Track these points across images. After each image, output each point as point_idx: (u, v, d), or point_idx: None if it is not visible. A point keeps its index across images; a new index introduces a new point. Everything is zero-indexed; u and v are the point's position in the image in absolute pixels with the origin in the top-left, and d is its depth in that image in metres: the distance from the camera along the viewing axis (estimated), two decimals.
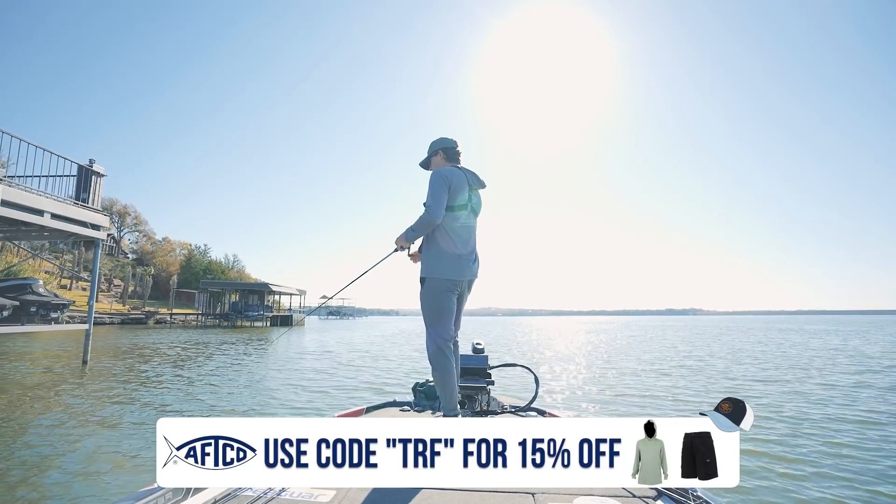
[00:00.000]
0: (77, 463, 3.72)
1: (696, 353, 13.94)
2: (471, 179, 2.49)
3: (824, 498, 3.21)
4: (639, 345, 18.12)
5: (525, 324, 60.78)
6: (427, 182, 2.42)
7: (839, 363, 11.06)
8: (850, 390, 7.26)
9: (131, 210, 65.87)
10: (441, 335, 2.37)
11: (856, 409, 5.94)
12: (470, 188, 2.47)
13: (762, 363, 11.20)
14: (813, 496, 3.23)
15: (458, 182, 2.40)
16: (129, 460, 3.79)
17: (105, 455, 3.91)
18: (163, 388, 7.41)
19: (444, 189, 2.35)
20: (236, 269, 63.04)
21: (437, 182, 2.36)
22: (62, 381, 7.85)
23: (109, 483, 3.29)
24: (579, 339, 22.52)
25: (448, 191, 2.36)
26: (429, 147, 2.63)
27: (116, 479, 3.38)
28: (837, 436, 4.70)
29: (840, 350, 14.79)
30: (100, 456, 3.89)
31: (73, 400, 6.25)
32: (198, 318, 37.24)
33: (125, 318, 36.45)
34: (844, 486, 3.38)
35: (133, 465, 3.68)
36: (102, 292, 45.45)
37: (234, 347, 15.64)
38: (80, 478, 3.39)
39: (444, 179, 2.36)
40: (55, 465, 3.68)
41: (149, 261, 61.23)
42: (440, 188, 2.34)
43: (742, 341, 19.75)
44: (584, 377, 9.06)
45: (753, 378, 8.72)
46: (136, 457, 3.87)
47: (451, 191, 2.37)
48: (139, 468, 3.60)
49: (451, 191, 2.36)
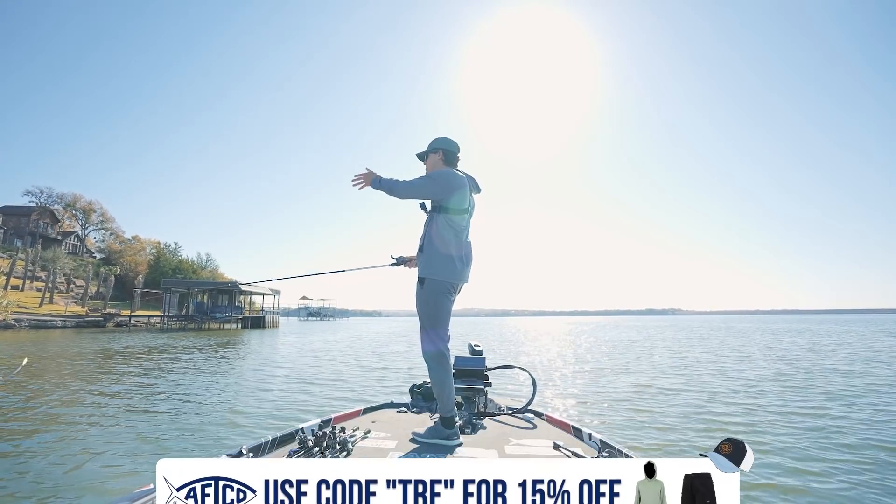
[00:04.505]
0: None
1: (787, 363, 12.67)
2: (471, 184, 2.53)
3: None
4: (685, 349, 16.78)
5: (512, 325, 59.65)
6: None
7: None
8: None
9: (97, 206, 62.32)
10: (440, 336, 2.36)
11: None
12: (470, 193, 2.52)
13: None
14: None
15: (464, 188, 2.43)
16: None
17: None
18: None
19: (441, 190, 2.39)
20: (209, 269, 60.13)
21: (441, 180, 2.40)
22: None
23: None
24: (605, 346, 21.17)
25: (445, 193, 2.38)
26: (432, 142, 2.60)
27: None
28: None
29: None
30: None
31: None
32: (161, 321, 34.69)
33: (80, 321, 33.74)
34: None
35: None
36: (60, 293, 42.43)
37: (175, 355, 13.72)
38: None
39: (448, 183, 2.40)
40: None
41: (116, 260, 58.01)
42: (437, 186, 2.39)
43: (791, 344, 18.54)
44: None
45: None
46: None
47: (456, 196, 2.39)
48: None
49: (455, 195, 2.39)
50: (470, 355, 3.25)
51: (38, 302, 36.59)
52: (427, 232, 2.43)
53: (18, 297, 35.28)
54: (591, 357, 12.78)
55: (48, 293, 37.99)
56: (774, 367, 10.02)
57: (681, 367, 10.11)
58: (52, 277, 39.55)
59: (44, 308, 35.60)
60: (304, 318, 75.31)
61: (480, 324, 62.08)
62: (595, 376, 8.89)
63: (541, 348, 16.38)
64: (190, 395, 6.71)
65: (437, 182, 2.38)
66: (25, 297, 36.71)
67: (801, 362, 10.81)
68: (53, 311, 35.43)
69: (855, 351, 13.77)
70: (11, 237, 50.99)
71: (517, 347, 17.00)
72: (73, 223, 60.97)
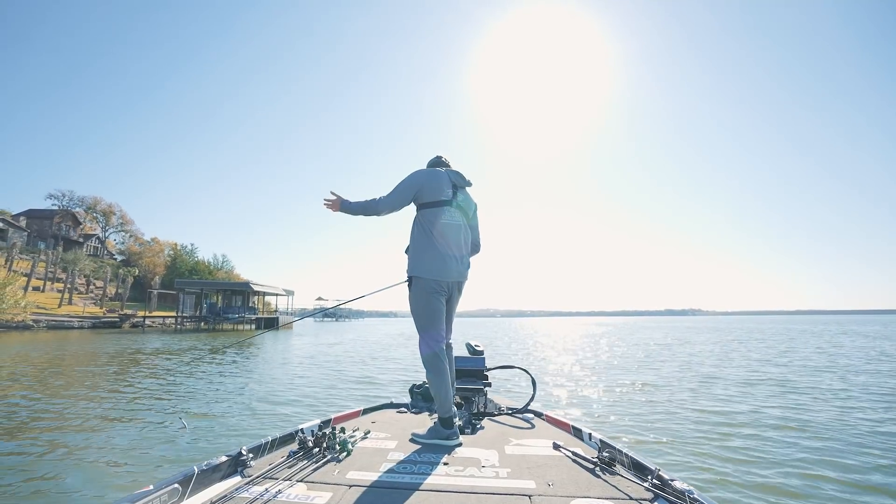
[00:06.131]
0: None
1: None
2: (453, 177, 2.51)
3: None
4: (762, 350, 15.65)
5: (527, 325, 58.43)
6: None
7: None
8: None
9: (116, 209, 63.29)
10: (433, 337, 2.33)
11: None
12: (454, 186, 2.50)
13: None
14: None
15: (434, 180, 2.43)
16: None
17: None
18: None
19: (409, 189, 2.40)
20: (225, 270, 60.55)
21: (405, 181, 2.42)
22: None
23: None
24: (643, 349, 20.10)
25: (414, 190, 2.41)
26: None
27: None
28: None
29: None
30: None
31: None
32: (175, 322, 34.69)
33: (97, 322, 33.95)
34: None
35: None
36: (80, 294, 43.02)
37: (168, 358, 13.20)
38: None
39: (413, 180, 2.42)
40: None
41: (135, 262, 58.79)
42: (405, 187, 2.40)
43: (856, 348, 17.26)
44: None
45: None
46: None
47: (426, 189, 2.40)
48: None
49: (424, 189, 2.40)
50: (469, 355, 3.25)
51: (57, 303, 37.06)
52: (411, 231, 2.47)
53: (38, 298, 35.76)
54: (658, 365, 11.79)
55: (67, 294, 38.45)
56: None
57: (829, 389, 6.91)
58: (70, 279, 40.02)
59: (62, 309, 36.01)
60: (320, 319, 75.34)
61: (493, 325, 60.97)
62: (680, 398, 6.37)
63: (572, 349, 15.39)
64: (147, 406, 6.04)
65: (403, 183, 2.41)
66: (46, 298, 37.21)
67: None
68: (71, 311, 35.78)
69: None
70: (35, 240, 52.04)
71: (540, 352, 16.03)
72: (94, 226, 62.08)
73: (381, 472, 1.79)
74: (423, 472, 1.79)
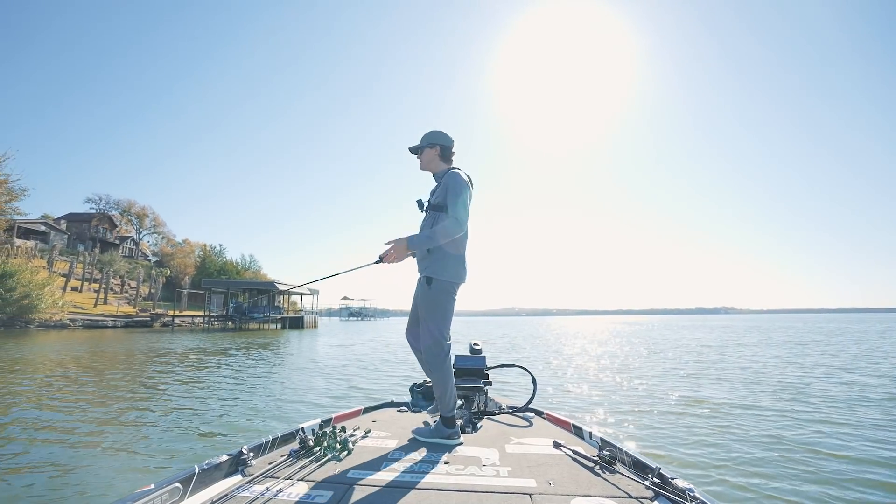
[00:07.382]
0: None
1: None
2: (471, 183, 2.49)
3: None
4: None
5: (553, 324, 57.01)
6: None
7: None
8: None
9: (150, 212, 65.32)
10: (444, 336, 2.33)
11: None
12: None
13: None
14: None
15: (470, 188, 2.40)
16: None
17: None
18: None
19: (470, 199, 2.35)
20: (252, 270, 61.60)
21: (466, 190, 2.30)
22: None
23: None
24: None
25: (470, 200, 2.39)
26: (426, 136, 2.49)
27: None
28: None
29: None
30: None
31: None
32: (204, 321, 35.24)
33: (129, 321, 34.83)
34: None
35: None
36: (114, 294, 44.41)
37: (172, 360, 12.91)
38: None
39: (469, 188, 2.34)
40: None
41: (167, 262, 60.57)
42: (468, 197, 2.31)
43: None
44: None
45: None
46: None
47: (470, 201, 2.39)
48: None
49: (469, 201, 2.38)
50: (470, 354, 3.29)
51: (93, 302, 38.28)
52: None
53: (76, 298, 37.02)
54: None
55: (102, 294, 39.70)
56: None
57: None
58: (105, 279, 41.31)
59: (98, 308, 37.15)
60: (346, 319, 75.75)
61: (519, 323, 59.70)
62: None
63: (614, 353, 14.37)
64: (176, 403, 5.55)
65: (465, 193, 2.28)
66: (82, 298, 38.50)
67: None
68: (106, 311, 36.86)
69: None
70: (75, 242, 54.22)
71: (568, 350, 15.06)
72: (129, 228, 64.29)
73: (381, 470, 1.79)
74: (424, 470, 1.79)
